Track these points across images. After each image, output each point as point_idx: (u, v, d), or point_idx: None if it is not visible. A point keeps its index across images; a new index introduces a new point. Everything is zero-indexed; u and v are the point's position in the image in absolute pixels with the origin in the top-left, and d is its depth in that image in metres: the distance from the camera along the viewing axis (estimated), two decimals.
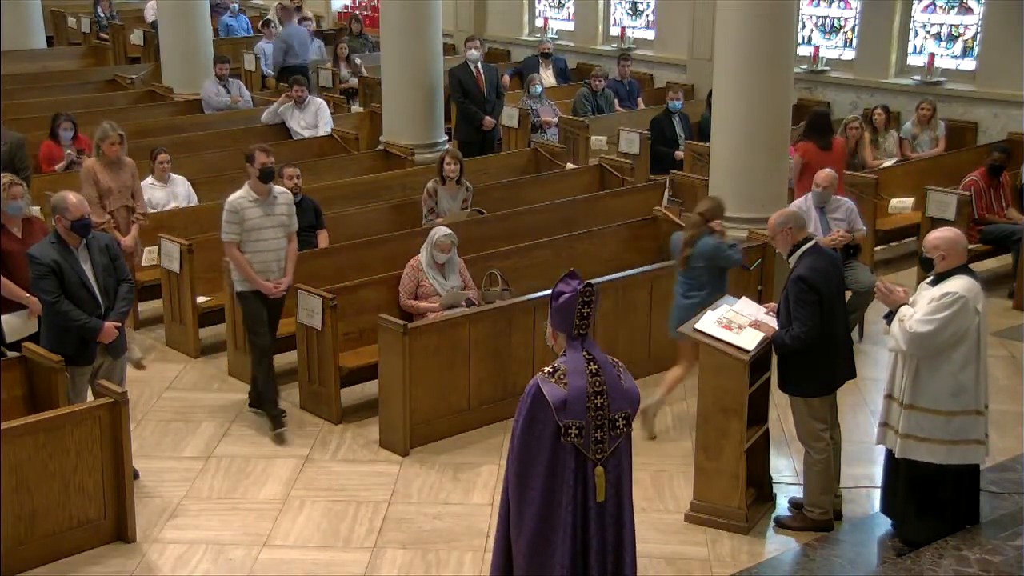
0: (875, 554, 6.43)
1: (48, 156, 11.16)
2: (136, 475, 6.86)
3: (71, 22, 20.45)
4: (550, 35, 17.69)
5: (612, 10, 17.25)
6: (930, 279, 6.15)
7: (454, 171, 9.88)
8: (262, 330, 7.74)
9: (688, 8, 15.49)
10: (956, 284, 5.97)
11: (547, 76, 15.22)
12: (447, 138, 13.28)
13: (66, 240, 6.77)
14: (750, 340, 6.45)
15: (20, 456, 6.08)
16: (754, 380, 6.52)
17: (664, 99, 13.27)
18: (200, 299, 8.95)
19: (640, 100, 14.76)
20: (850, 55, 14.49)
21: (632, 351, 8.28)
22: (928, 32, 13.83)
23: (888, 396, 6.25)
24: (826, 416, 6.48)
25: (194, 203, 10.14)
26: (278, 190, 7.81)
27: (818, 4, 14.90)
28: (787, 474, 7.20)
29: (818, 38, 14.84)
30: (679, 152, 12.57)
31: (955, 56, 13.64)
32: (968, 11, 13.50)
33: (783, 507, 6.84)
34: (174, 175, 10.12)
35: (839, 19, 14.72)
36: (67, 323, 6.71)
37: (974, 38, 13.43)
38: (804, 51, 14.50)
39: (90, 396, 6.82)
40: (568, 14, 17.93)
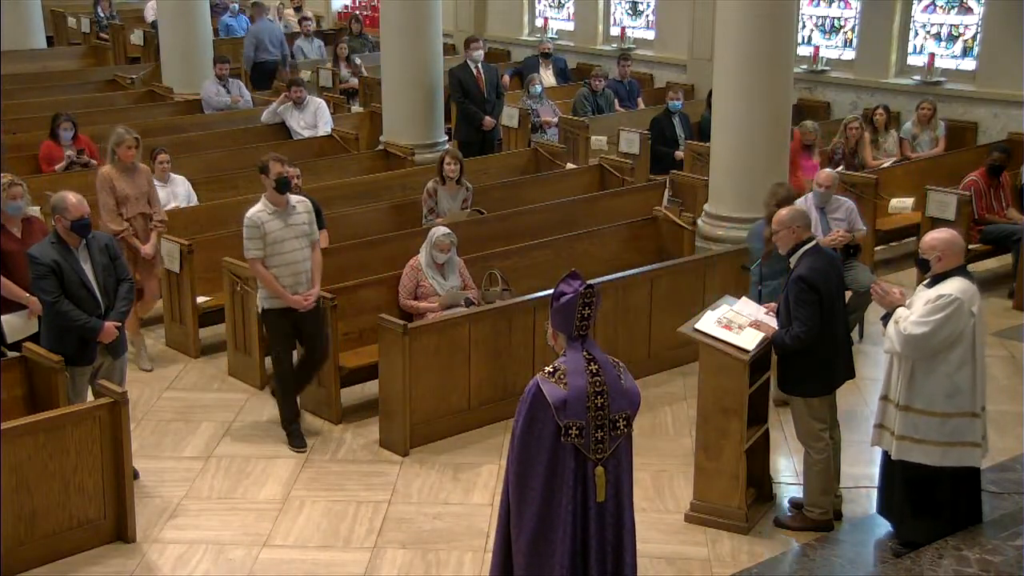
0: (875, 554, 6.42)
1: (48, 156, 11.16)
2: (136, 475, 6.86)
3: (71, 22, 20.46)
4: (550, 35, 17.69)
5: (612, 10, 17.25)
6: (927, 281, 6.15)
7: (454, 171, 9.88)
8: (286, 354, 7.54)
9: (688, 8, 15.49)
10: (952, 286, 5.95)
11: (547, 76, 15.22)
12: (447, 138, 13.27)
13: (66, 240, 6.77)
14: (750, 340, 6.45)
15: (20, 456, 6.08)
16: (754, 380, 6.52)
17: (664, 99, 13.28)
18: (200, 299, 8.95)
19: (640, 100, 14.76)
20: (850, 55, 14.49)
21: (632, 351, 8.28)
22: (928, 32, 13.83)
23: (883, 397, 6.24)
24: (826, 416, 6.49)
25: (194, 203, 10.14)
26: (295, 199, 7.54)
27: (818, 4, 14.90)
28: (787, 474, 7.20)
29: (818, 38, 14.84)
30: (679, 152, 12.58)
31: (955, 56, 13.64)
32: (968, 11, 13.49)
33: (783, 507, 6.84)
34: (174, 175, 10.11)
35: (839, 19, 14.72)
36: (67, 323, 6.71)
37: (974, 38, 13.43)
38: (804, 51, 14.50)
39: (90, 396, 6.82)
40: (568, 14, 17.94)
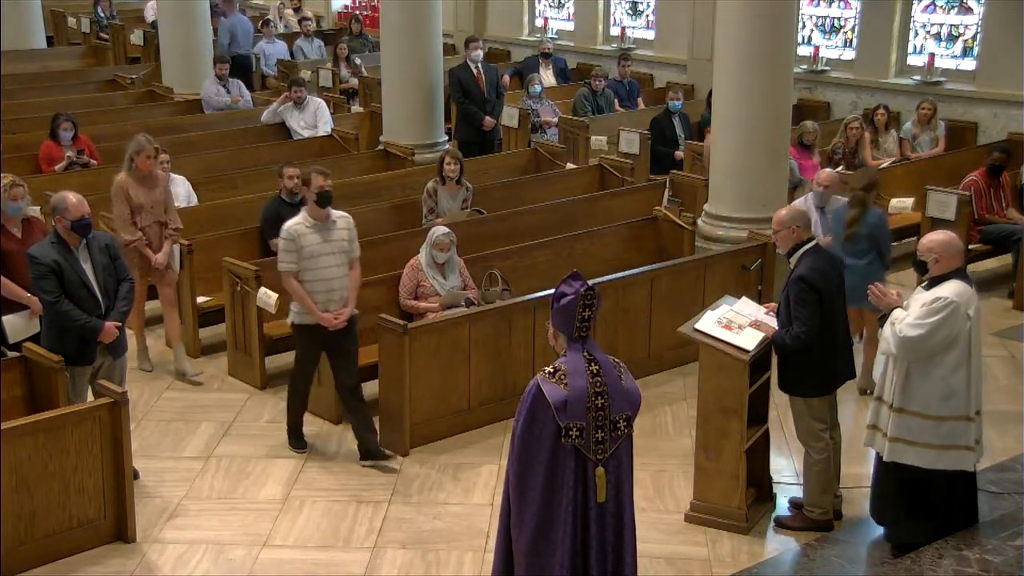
0: (875, 554, 6.41)
1: (48, 156, 11.16)
2: (136, 475, 6.86)
3: (71, 22, 20.47)
4: (550, 35, 17.69)
5: (612, 10, 17.25)
6: (925, 283, 6.14)
7: (454, 171, 9.88)
8: (310, 367, 7.38)
9: (688, 8, 15.49)
10: (949, 289, 5.95)
11: (547, 76, 15.22)
12: (447, 138, 13.27)
13: (66, 240, 6.77)
14: (750, 340, 6.45)
15: (20, 456, 6.08)
16: (754, 380, 6.52)
17: (664, 99, 13.28)
18: (200, 299, 8.95)
19: (640, 100, 14.76)
20: (850, 55, 14.48)
21: (632, 351, 8.29)
22: (928, 32, 13.83)
23: (878, 398, 6.24)
24: (826, 416, 6.49)
25: (194, 203, 10.14)
26: (337, 214, 7.27)
27: (818, 4, 14.90)
28: (787, 474, 7.20)
29: (818, 38, 14.83)
30: (679, 152, 12.58)
31: (955, 56, 13.63)
32: (968, 11, 13.49)
33: (783, 507, 6.84)
34: (174, 175, 10.08)
35: (839, 19, 14.71)
36: (67, 323, 6.71)
37: (974, 38, 13.43)
38: (804, 51, 14.50)
39: (90, 396, 6.82)
40: (568, 14, 17.93)
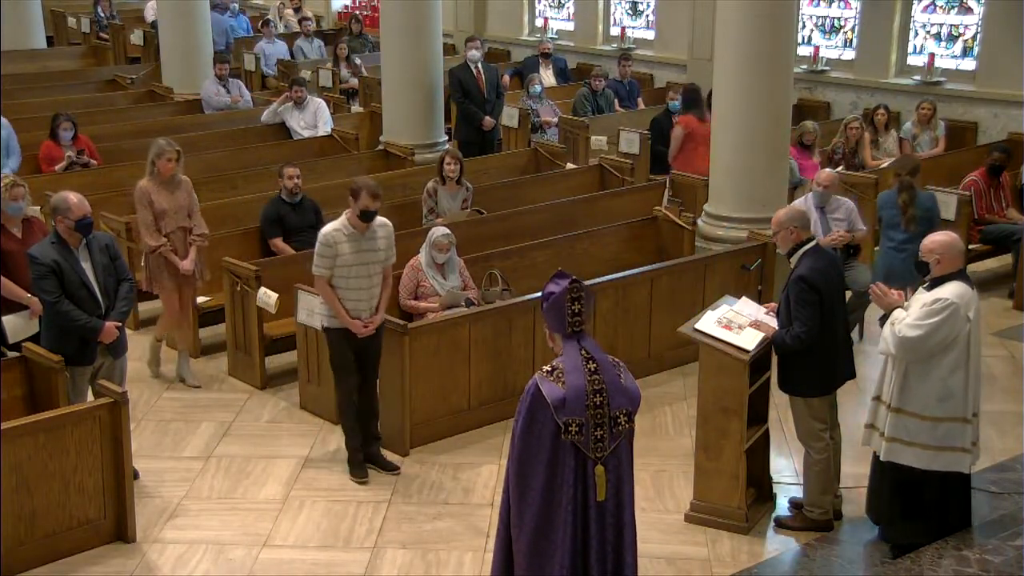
0: (875, 554, 6.41)
1: (48, 156, 11.16)
2: (136, 475, 6.85)
3: (71, 22, 20.46)
4: (550, 35, 17.69)
5: (612, 10, 17.26)
6: (925, 284, 6.15)
7: (454, 171, 9.88)
8: (346, 374, 7.20)
9: (688, 8, 15.49)
10: (949, 290, 5.95)
11: (547, 76, 15.22)
12: (447, 138, 13.27)
13: (66, 240, 6.77)
14: (750, 340, 6.44)
15: (20, 456, 6.08)
16: (754, 380, 6.51)
17: (664, 99, 13.27)
18: (200, 299, 8.94)
19: (640, 100, 14.76)
20: (850, 55, 14.49)
21: (632, 351, 8.28)
22: (928, 32, 13.83)
23: (876, 398, 6.24)
24: (826, 416, 6.48)
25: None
26: (379, 221, 7.13)
27: (818, 4, 14.90)
28: (787, 474, 7.20)
29: (818, 38, 14.84)
30: None
31: (955, 56, 13.64)
32: (968, 11, 13.49)
33: (783, 507, 6.84)
34: None
35: (839, 19, 14.72)
36: (67, 323, 6.71)
37: (974, 38, 13.43)
38: (804, 51, 14.50)
39: (90, 396, 6.82)
40: (568, 14, 17.94)
